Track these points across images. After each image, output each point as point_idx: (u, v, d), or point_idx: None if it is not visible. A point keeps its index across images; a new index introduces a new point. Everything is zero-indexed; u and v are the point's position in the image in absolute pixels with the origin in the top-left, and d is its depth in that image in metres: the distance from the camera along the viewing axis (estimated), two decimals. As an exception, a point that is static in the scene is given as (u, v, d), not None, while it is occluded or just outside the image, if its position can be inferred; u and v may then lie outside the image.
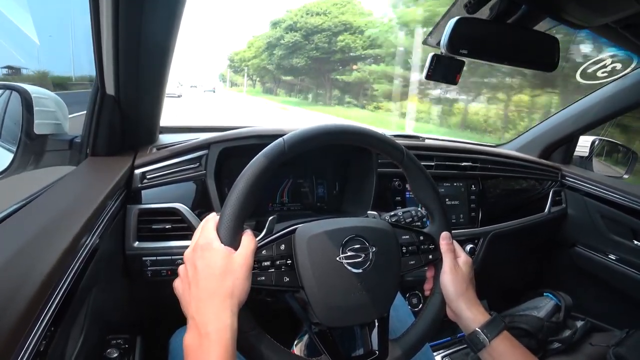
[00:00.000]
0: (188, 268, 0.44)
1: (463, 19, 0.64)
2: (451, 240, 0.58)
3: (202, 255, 0.43)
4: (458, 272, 0.56)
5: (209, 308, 0.40)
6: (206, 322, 0.40)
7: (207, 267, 0.42)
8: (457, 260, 0.57)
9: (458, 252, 0.59)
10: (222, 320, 0.40)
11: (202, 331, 0.39)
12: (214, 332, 0.39)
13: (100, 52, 0.69)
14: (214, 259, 0.43)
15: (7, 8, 0.93)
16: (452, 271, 0.55)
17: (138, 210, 0.80)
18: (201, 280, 0.42)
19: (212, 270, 0.42)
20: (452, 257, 0.57)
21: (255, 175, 0.45)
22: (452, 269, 0.55)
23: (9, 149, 0.72)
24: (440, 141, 1.34)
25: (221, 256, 0.43)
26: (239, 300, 0.43)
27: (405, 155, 0.56)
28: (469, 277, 0.57)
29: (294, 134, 0.49)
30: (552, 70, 0.70)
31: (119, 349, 0.69)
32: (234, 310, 0.42)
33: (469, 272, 0.57)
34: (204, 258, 0.43)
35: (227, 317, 0.40)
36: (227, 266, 0.42)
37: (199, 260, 0.43)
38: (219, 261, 0.42)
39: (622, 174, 1.41)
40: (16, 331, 0.32)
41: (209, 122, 7.61)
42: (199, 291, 0.42)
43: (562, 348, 1.16)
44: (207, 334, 0.39)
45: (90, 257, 0.54)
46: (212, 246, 0.43)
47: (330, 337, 0.52)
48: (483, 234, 1.17)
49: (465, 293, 0.55)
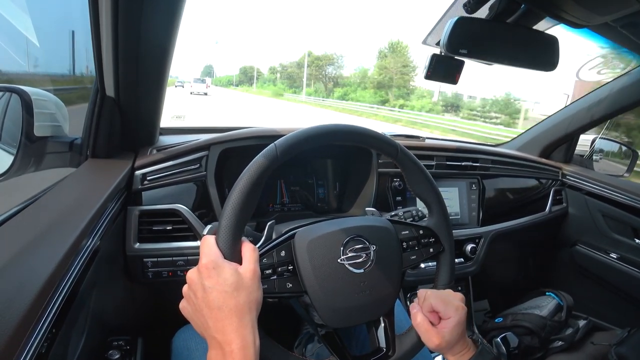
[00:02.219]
0: (195, 289, 0.43)
1: (462, 18, 0.64)
2: (464, 301, 0.55)
3: (208, 274, 0.42)
4: (462, 319, 0.53)
5: (229, 326, 0.40)
6: (229, 341, 0.39)
7: (217, 285, 0.41)
8: (459, 304, 0.54)
9: (455, 296, 0.55)
10: (245, 337, 0.40)
11: (227, 349, 0.39)
12: (237, 350, 0.39)
13: (100, 54, 0.69)
14: (222, 276, 0.42)
15: (6, 9, 0.93)
16: (461, 324, 0.52)
17: (139, 211, 0.80)
18: (213, 301, 0.41)
19: (223, 288, 0.41)
20: (464, 313, 0.53)
21: (249, 183, 0.45)
22: (461, 322, 0.52)
23: (9, 151, 0.72)
24: (440, 141, 1.34)
25: (230, 273, 0.42)
26: (256, 313, 0.43)
27: (400, 151, 0.56)
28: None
29: (285, 138, 0.48)
30: (552, 70, 0.70)
31: (120, 350, 0.69)
32: (254, 326, 0.42)
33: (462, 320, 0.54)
34: (212, 277, 0.42)
35: (248, 333, 0.40)
36: (237, 282, 0.42)
37: (206, 280, 0.42)
38: (229, 278, 0.42)
39: (623, 172, 1.41)
40: (18, 333, 0.32)
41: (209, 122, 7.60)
42: (214, 311, 0.41)
43: (564, 347, 1.15)
44: (231, 352, 0.39)
45: (91, 258, 0.54)
46: (217, 264, 0.42)
47: (336, 338, 0.52)
48: (484, 234, 1.17)
49: (464, 332, 0.53)
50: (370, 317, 0.54)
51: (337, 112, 20.83)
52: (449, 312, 0.52)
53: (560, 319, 1.18)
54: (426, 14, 59.12)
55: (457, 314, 0.52)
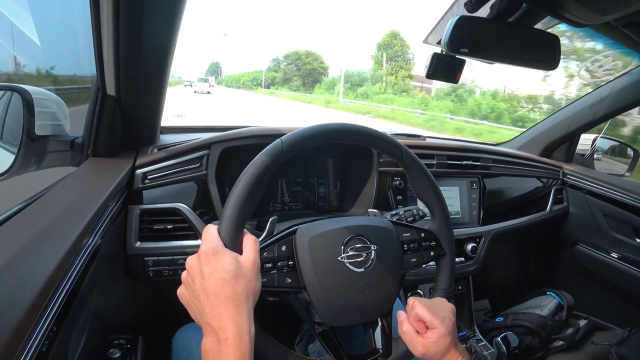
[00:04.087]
0: (193, 276, 0.43)
1: (464, 17, 0.64)
2: (454, 312, 0.55)
3: (207, 261, 0.42)
4: (450, 330, 0.52)
5: (225, 314, 0.40)
6: (225, 328, 0.40)
7: (215, 272, 0.41)
8: (447, 314, 0.53)
9: (445, 306, 0.55)
10: (240, 325, 0.40)
11: (221, 336, 0.39)
12: (232, 338, 0.39)
13: (100, 53, 0.69)
14: (221, 264, 0.42)
15: (6, 8, 0.93)
16: (448, 335, 0.51)
17: (139, 210, 0.80)
18: (211, 287, 0.41)
19: (221, 275, 0.41)
20: (451, 325, 0.52)
21: (254, 176, 0.45)
22: (447, 333, 0.51)
23: (10, 150, 0.72)
24: (441, 140, 1.34)
25: (229, 261, 0.42)
26: (254, 303, 0.43)
27: (404, 153, 0.56)
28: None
29: (292, 134, 0.48)
30: (553, 69, 0.69)
31: (121, 349, 0.69)
32: (250, 314, 0.42)
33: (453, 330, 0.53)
34: (210, 264, 0.42)
35: (244, 322, 0.41)
36: (236, 270, 0.42)
37: (205, 267, 0.42)
38: (228, 266, 0.42)
39: (624, 171, 1.40)
40: (18, 332, 0.32)
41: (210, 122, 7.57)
42: (210, 298, 0.41)
43: (564, 346, 1.15)
44: (226, 339, 0.39)
45: (92, 257, 0.54)
46: (217, 251, 0.42)
47: (333, 337, 0.52)
48: (485, 233, 1.17)
49: (454, 343, 0.52)
50: (369, 317, 0.54)
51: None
52: (435, 323, 0.51)
53: (561, 319, 1.18)
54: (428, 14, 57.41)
55: (443, 325, 0.51)
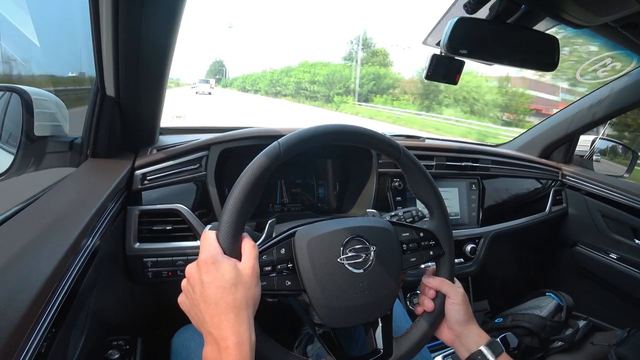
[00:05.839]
0: (193, 284, 0.43)
1: (463, 18, 0.64)
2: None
3: (207, 270, 0.42)
4: (465, 300, 0.58)
5: (225, 322, 0.40)
6: (225, 337, 0.39)
7: (214, 280, 0.41)
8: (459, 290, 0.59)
9: (457, 283, 0.61)
10: (240, 333, 0.40)
11: (222, 345, 0.39)
12: (233, 346, 0.39)
13: (100, 53, 0.69)
14: (221, 272, 0.42)
15: (6, 8, 0.93)
16: (464, 302, 0.58)
17: (139, 211, 0.80)
18: (210, 296, 0.41)
19: (221, 283, 0.41)
20: (463, 291, 0.59)
21: (251, 179, 0.45)
22: (464, 300, 0.58)
23: (9, 150, 0.72)
24: (441, 141, 1.34)
25: (229, 269, 0.42)
26: (254, 310, 0.43)
27: (402, 153, 0.56)
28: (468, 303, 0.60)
29: (289, 136, 0.48)
30: (552, 70, 0.70)
31: (120, 350, 0.69)
32: (250, 322, 0.42)
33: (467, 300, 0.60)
34: (210, 273, 0.42)
35: (244, 330, 0.40)
36: (236, 278, 0.42)
37: (204, 275, 0.42)
38: (228, 274, 0.42)
39: (623, 173, 1.41)
40: (17, 332, 0.32)
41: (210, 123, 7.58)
42: (210, 306, 0.41)
43: (564, 347, 1.15)
44: (226, 347, 0.39)
45: (91, 258, 0.54)
46: (216, 259, 0.42)
47: (334, 338, 0.52)
48: (484, 234, 1.17)
49: (472, 317, 0.58)
50: (369, 318, 0.54)
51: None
52: (452, 293, 0.57)
53: (560, 320, 1.18)
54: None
55: (458, 295, 0.57)
